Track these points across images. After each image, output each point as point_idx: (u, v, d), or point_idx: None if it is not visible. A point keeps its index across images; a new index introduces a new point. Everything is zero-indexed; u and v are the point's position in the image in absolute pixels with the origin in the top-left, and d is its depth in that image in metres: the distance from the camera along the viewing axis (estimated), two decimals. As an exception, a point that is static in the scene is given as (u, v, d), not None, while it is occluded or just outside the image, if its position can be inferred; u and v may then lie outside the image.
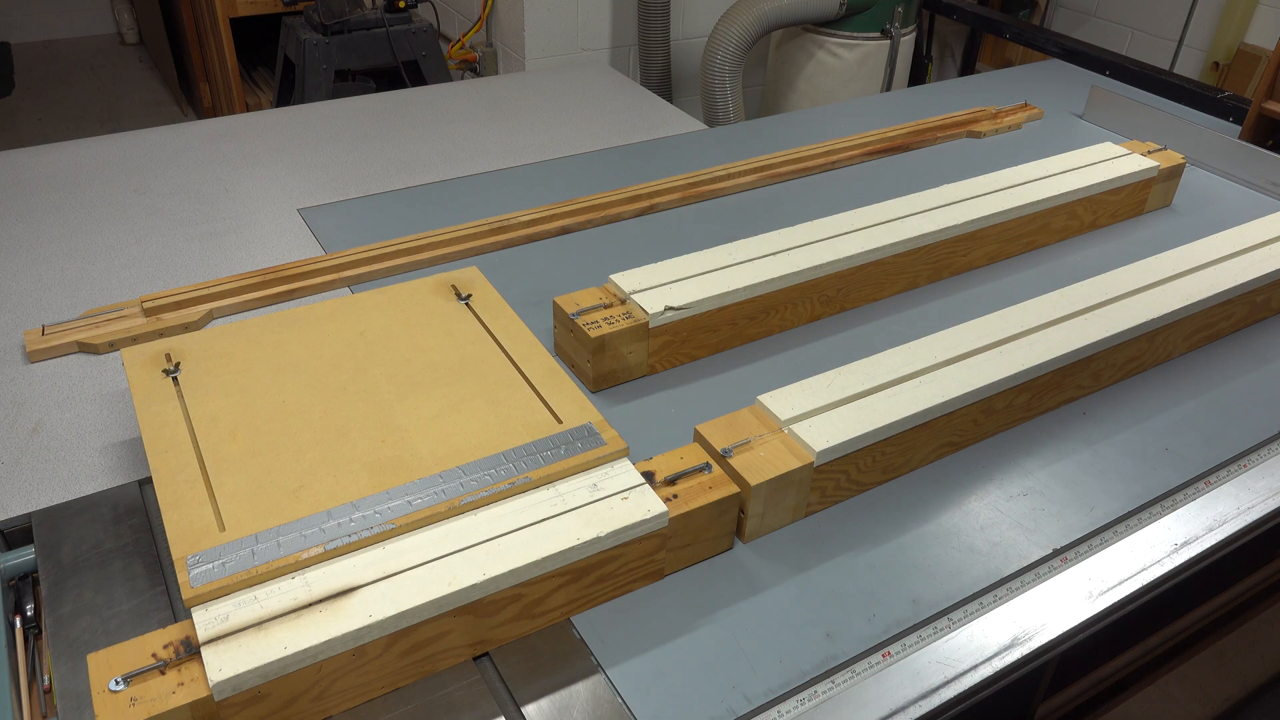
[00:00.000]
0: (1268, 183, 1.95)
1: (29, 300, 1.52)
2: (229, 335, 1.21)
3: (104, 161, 1.95)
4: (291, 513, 0.96)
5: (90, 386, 1.34)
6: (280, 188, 1.88)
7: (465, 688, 0.94)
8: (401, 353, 1.19)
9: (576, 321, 1.30)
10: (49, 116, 4.28)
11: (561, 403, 1.12)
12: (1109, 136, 2.15)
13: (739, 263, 1.42)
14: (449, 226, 1.69)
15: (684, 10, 3.07)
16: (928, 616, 1.04)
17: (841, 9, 2.79)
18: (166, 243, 1.69)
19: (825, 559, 1.10)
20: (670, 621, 1.02)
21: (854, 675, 0.98)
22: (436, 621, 0.91)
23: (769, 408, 1.15)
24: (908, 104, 2.36)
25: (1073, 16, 3.57)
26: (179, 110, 4.37)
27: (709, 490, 1.05)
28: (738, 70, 2.76)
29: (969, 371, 1.23)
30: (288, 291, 1.53)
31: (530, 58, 2.89)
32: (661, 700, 0.94)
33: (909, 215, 1.58)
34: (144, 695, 0.82)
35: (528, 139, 2.13)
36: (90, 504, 1.13)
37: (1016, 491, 1.21)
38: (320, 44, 2.81)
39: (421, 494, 0.99)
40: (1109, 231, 1.79)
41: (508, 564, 0.93)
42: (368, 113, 2.22)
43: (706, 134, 2.18)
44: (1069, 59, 2.62)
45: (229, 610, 0.87)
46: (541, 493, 1.02)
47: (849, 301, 1.53)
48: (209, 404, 1.09)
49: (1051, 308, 1.35)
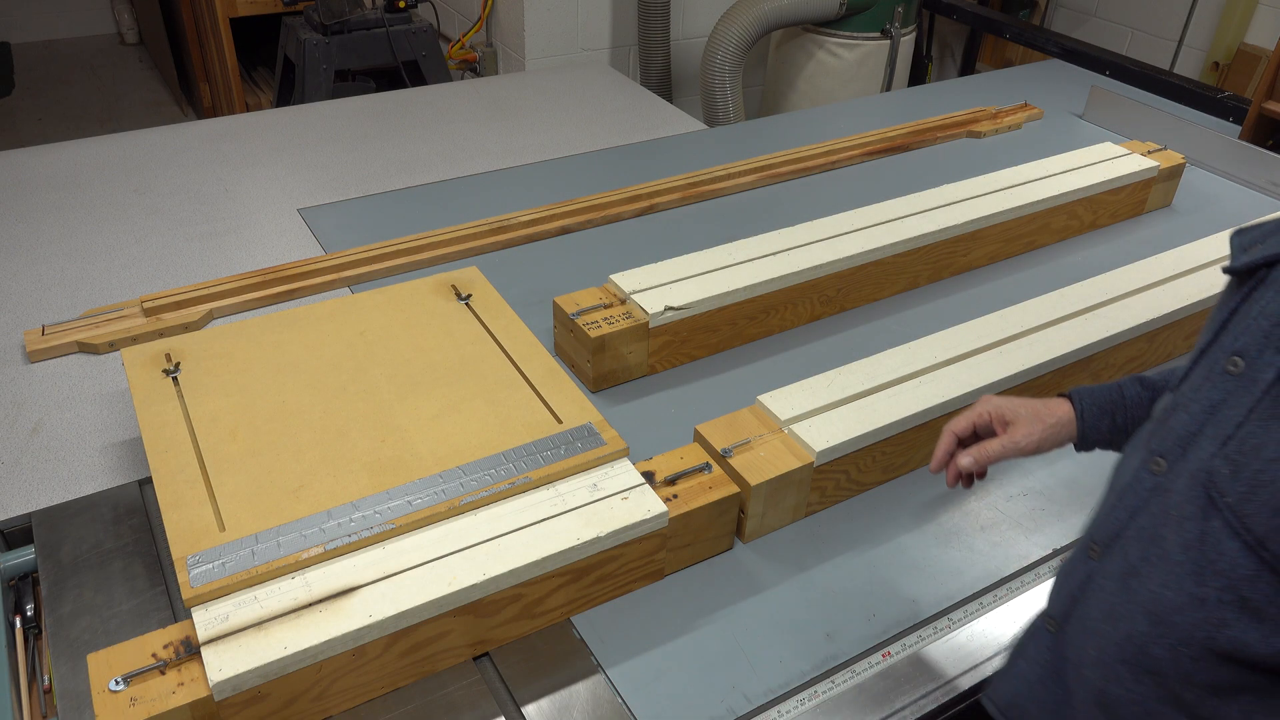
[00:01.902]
0: (1268, 183, 1.95)
1: (29, 300, 1.52)
2: (229, 335, 1.21)
3: (104, 161, 1.95)
4: (291, 513, 0.96)
5: (90, 386, 1.34)
6: (280, 188, 1.88)
7: (465, 688, 0.94)
8: (401, 353, 1.19)
9: (576, 321, 1.30)
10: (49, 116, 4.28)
11: (561, 403, 1.12)
12: (1109, 136, 2.15)
13: (739, 263, 1.42)
14: (449, 226, 1.69)
15: (684, 10, 3.07)
16: (928, 616, 1.04)
17: (841, 9, 2.78)
18: (166, 243, 1.69)
19: (825, 559, 1.10)
20: (670, 621, 1.02)
21: (854, 675, 0.98)
22: (436, 621, 0.91)
23: (769, 408, 1.15)
24: (908, 104, 2.36)
25: (1073, 16, 3.57)
26: (179, 110, 4.37)
27: (709, 490, 1.05)
28: (738, 70, 2.76)
29: (969, 371, 1.23)
30: (288, 291, 1.53)
31: (530, 58, 2.89)
32: (661, 700, 0.94)
33: (909, 215, 1.58)
34: (144, 695, 0.82)
35: (528, 139, 2.13)
36: (90, 504, 1.13)
37: (1016, 491, 1.21)
38: (320, 44, 2.81)
39: (421, 494, 0.99)
40: (1109, 231, 1.79)
41: (508, 564, 0.93)
42: (368, 113, 2.22)
43: (706, 134, 2.18)
44: (1069, 59, 2.62)
45: (229, 610, 0.87)
46: (541, 493, 1.02)
47: (849, 301, 1.52)
48: (209, 404, 1.09)
49: (1051, 308, 1.35)
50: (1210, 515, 0.65)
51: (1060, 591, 0.81)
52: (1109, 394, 0.94)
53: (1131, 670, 0.71)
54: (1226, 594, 0.65)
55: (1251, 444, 0.63)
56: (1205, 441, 0.67)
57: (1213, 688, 0.67)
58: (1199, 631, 0.66)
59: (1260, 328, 0.66)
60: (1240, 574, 0.64)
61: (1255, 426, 0.64)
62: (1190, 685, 0.68)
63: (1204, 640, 0.66)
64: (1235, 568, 0.64)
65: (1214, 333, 0.71)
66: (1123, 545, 0.74)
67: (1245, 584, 0.63)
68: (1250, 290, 0.69)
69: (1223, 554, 0.65)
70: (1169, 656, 0.68)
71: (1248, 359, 0.66)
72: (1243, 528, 0.63)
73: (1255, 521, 0.62)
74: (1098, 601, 0.76)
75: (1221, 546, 0.65)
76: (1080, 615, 0.78)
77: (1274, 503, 0.62)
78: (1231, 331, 0.69)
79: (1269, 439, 0.63)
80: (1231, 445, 0.65)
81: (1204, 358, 0.71)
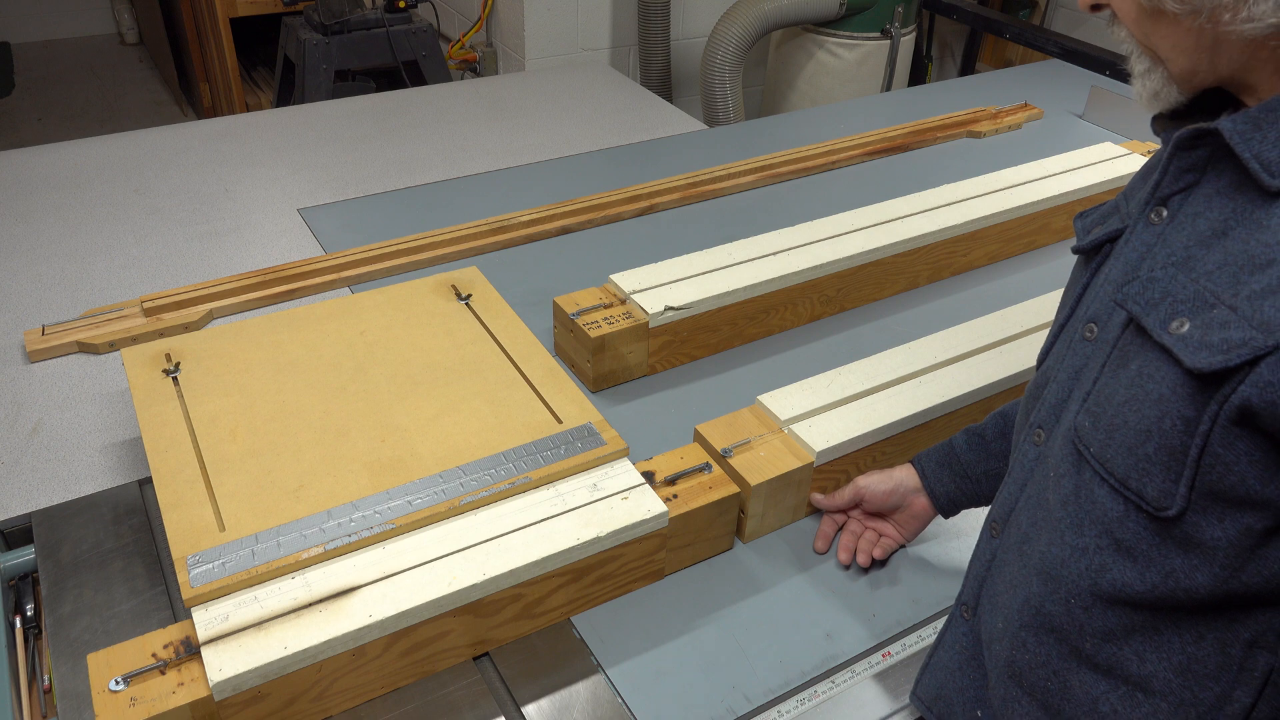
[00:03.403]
0: (1268, 183, 1.95)
1: (29, 300, 1.52)
2: (229, 335, 1.21)
3: (104, 161, 1.95)
4: (291, 513, 0.96)
5: (90, 386, 1.34)
6: (280, 188, 1.88)
7: (465, 688, 0.94)
8: (401, 353, 1.19)
9: (576, 321, 1.30)
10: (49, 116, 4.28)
11: (561, 403, 1.12)
12: (1109, 136, 2.15)
13: (739, 263, 1.42)
14: (449, 226, 1.69)
15: (684, 10, 3.07)
16: (928, 616, 1.04)
17: (841, 9, 2.78)
18: (166, 243, 1.69)
19: (825, 559, 1.10)
20: (670, 621, 1.02)
21: (854, 675, 0.98)
22: (436, 621, 0.91)
23: (769, 408, 1.15)
24: (908, 104, 2.36)
25: (1073, 16, 3.57)
26: (179, 110, 4.37)
27: (709, 490, 1.05)
28: (738, 70, 2.76)
29: (969, 371, 1.23)
30: (288, 291, 1.53)
31: (530, 58, 2.89)
32: (661, 700, 0.94)
33: (909, 215, 1.58)
34: (144, 695, 0.82)
35: (528, 139, 2.13)
36: (90, 504, 1.13)
37: (1016, 491, 1.21)
38: (320, 44, 2.81)
39: (421, 494, 0.99)
40: (1109, 231, 1.79)
41: (508, 564, 0.93)
42: (368, 113, 2.22)
43: (706, 134, 2.18)
44: (1069, 59, 2.62)
45: (229, 610, 0.87)
46: (541, 493, 1.02)
47: (849, 301, 1.52)
48: (209, 404, 1.09)
49: (1051, 308, 1.35)
50: (1081, 468, 0.70)
51: (970, 576, 0.85)
52: (941, 451, 1.04)
53: (1033, 633, 0.75)
54: (1103, 539, 0.69)
55: (1105, 394, 0.69)
56: (1073, 404, 0.72)
57: (1105, 634, 0.70)
58: (1084, 580, 0.70)
59: (1106, 293, 0.72)
60: (1111, 517, 0.68)
61: (1107, 378, 0.69)
62: (1085, 635, 0.71)
63: (1089, 588, 0.70)
64: (1106, 512, 0.69)
65: (1070, 308, 0.77)
66: (1016, 517, 0.79)
67: (1116, 525, 0.68)
68: (1098, 265, 0.75)
69: (1095, 502, 0.69)
70: (1062, 611, 0.72)
71: (1100, 323, 0.72)
72: (1106, 472, 0.68)
73: (1116, 465, 0.67)
74: (1001, 576, 0.80)
75: (1094, 495, 0.69)
76: (989, 594, 0.82)
77: (1128, 442, 0.66)
78: (1085, 304, 0.75)
79: (1118, 386, 0.67)
80: (1091, 400, 0.70)
81: (1064, 332, 0.78)
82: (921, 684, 0.90)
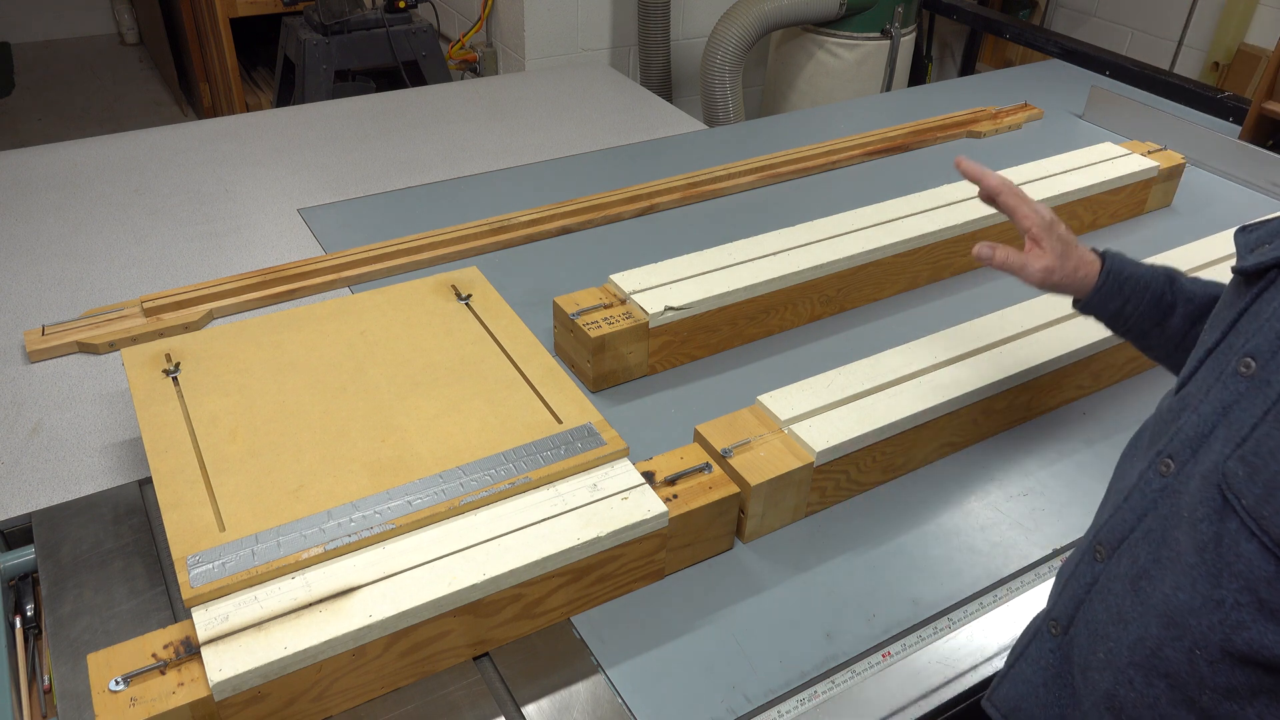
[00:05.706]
0: (1268, 183, 1.95)
1: (29, 300, 1.52)
2: (229, 335, 1.21)
3: (104, 161, 1.95)
4: (291, 513, 0.96)
5: (90, 386, 1.34)
6: (280, 188, 1.88)
7: (465, 688, 0.94)
8: (401, 353, 1.19)
9: (576, 321, 1.30)
10: (49, 116, 4.28)
11: (561, 403, 1.12)
12: (1109, 137, 2.15)
13: (739, 263, 1.42)
14: (449, 226, 1.69)
15: (684, 10, 3.07)
16: (928, 616, 1.04)
17: (841, 9, 2.79)
18: (166, 243, 1.69)
19: (825, 559, 1.10)
20: (670, 621, 1.02)
21: (854, 675, 0.98)
22: (436, 621, 0.91)
23: (769, 408, 1.15)
24: (908, 104, 2.36)
25: (1073, 16, 3.57)
26: (179, 110, 4.37)
27: (709, 490, 1.05)
28: (738, 70, 2.76)
29: (969, 371, 1.23)
30: (288, 291, 1.53)
31: (530, 58, 2.89)
32: (661, 700, 0.94)
33: (909, 215, 1.58)
34: (144, 695, 0.82)
35: (528, 139, 2.13)
36: (90, 504, 1.13)
37: (1016, 491, 1.21)
38: (320, 44, 2.81)
39: (421, 494, 0.99)
40: (1109, 231, 1.79)
41: (508, 564, 0.93)
42: (368, 113, 2.22)
43: (706, 134, 2.18)
44: (1069, 59, 2.62)
45: (229, 610, 0.87)
46: (541, 493, 1.02)
47: (849, 301, 1.52)
48: (209, 404, 1.09)
49: (1051, 308, 1.35)
50: (1226, 517, 0.65)
51: (1064, 594, 0.81)
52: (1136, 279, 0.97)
53: (1144, 673, 0.71)
54: (1244, 595, 0.64)
55: (1268, 446, 0.63)
56: (1217, 443, 0.67)
57: (1228, 690, 0.66)
58: (1215, 634, 0.66)
59: (1273, 329, 0.66)
60: (1258, 575, 0.63)
61: (1271, 428, 0.64)
62: (1205, 688, 0.67)
63: (1220, 643, 0.66)
64: (1253, 569, 0.64)
65: (1222, 332, 0.71)
66: (1131, 547, 0.74)
67: (1264, 585, 0.63)
68: (1260, 291, 0.69)
69: (1240, 556, 0.64)
70: (1184, 659, 0.68)
71: (1260, 360, 0.66)
72: (1260, 530, 0.63)
73: (1273, 524, 0.62)
74: (1105, 604, 0.75)
75: (1239, 548, 0.64)
76: (1086, 618, 0.77)
77: None
78: (1241, 332, 0.69)
79: None
80: (1247, 447, 0.64)
81: (1211, 358, 0.71)
82: (999, 692, 0.87)
